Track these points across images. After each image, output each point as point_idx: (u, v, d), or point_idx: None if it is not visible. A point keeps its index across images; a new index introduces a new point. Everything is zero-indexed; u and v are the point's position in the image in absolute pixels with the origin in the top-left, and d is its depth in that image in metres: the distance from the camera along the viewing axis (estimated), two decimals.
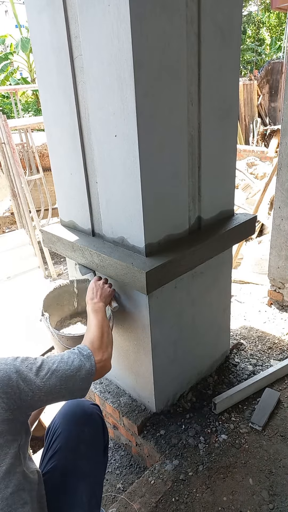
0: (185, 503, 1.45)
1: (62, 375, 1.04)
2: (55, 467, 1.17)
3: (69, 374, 1.05)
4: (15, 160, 4.09)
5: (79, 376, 1.07)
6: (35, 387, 0.98)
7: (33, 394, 0.98)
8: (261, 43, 19.71)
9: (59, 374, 1.04)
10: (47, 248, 1.91)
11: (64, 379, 1.04)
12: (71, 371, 1.06)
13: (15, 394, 0.95)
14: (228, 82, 1.55)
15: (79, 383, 1.07)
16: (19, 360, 1.01)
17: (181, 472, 1.56)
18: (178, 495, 1.48)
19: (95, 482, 1.21)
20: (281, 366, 2.01)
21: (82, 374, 1.08)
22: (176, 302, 1.66)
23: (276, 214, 2.53)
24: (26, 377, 0.98)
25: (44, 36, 1.47)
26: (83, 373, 1.09)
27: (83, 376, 1.09)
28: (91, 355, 1.14)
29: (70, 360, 1.09)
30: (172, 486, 1.51)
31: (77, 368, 1.08)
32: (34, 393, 0.98)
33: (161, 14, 1.20)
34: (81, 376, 1.08)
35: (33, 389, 0.98)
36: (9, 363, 0.99)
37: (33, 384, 0.98)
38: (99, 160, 1.47)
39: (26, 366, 1.00)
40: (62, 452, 1.19)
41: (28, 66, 14.35)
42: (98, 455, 1.26)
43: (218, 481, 1.52)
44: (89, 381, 1.10)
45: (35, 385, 0.98)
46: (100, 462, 1.27)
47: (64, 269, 4.58)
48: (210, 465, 1.58)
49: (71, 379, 1.06)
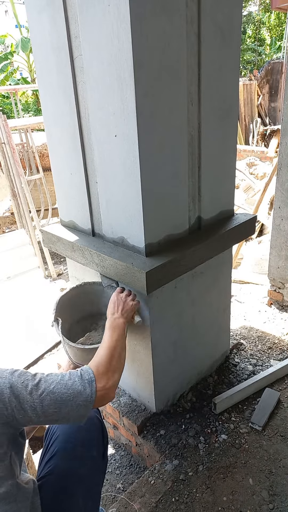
0: (185, 503, 1.45)
1: (58, 398, 0.96)
2: (52, 470, 1.16)
3: (65, 399, 0.97)
4: (15, 160, 4.09)
5: (75, 402, 0.98)
6: (27, 407, 0.92)
7: (24, 413, 0.92)
8: (261, 43, 19.71)
9: (54, 397, 0.96)
10: (47, 248, 1.91)
11: (59, 403, 0.96)
12: (68, 396, 0.98)
13: (6, 409, 0.90)
14: (228, 82, 1.55)
15: (75, 409, 0.99)
16: (16, 374, 0.95)
17: (181, 472, 1.56)
18: (178, 495, 1.48)
19: (92, 486, 1.20)
20: (281, 366, 2.01)
21: (79, 400, 0.99)
22: (176, 302, 1.66)
23: (276, 214, 2.53)
24: (20, 395, 0.92)
25: (44, 36, 1.47)
26: (80, 400, 0.99)
27: (80, 402, 0.99)
28: (93, 380, 1.04)
29: (70, 382, 1.00)
30: (172, 486, 1.51)
31: (75, 393, 0.99)
32: (25, 412, 0.92)
33: (161, 14, 1.20)
34: (77, 403, 0.99)
35: (24, 408, 0.92)
36: (4, 376, 0.94)
37: (25, 403, 0.92)
38: (99, 160, 1.47)
39: (22, 382, 0.94)
40: (59, 456, 1.18)
41: (28, 66, 14.35)
42: (96, 459, 1.24)
43: (218, 481, 1.52)
44: (86, 408, 1.01)
45: (27, 404, 0.92)
46: (98, 465, 1.25)
47: (64, 269, 4.58)
48: (210, 465, 1.58)
49: (67, 404, 0.97)
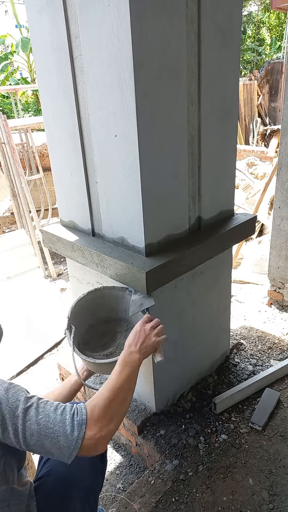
0: (185, 503, 1.45)
1: (41, 431, 0.89)
2: (49, 472, 1.15)
3: (48, 434, 0.89)
4: (15, 160, 4.09)
5: (59, 441, 0.89)
6: (11, 429, 0.87)
7: (6, 434, 0.88)
8: (261, 43, 19.71)
9: (38, 429, 0.89)
10: (47, 248, 1.91)
11: (42, 436, 0.89)
12: (52, 432, 0.89)
13: None
14: (228, 82, 1.55)
15: (58, 449, 0.90)
16: (10, 392, 0.90)
17: (181, 472, 1.56)
18: (178, 495, 1.48)
19: (90, 488, 1.19)
20: (281, 366, 2.01)
21: (63, 441, 0.90)
22: (176, 302, 1.66)
23: (276, 214, 2.53)
24: (5, 415, 0.87)
25: (44, 36, 1.47)
26: (64, 442, 0.90)
27: (64, 444, 0.90)
28: (83, 423, 0.92)
29: (59, 418, 0.91)
30: (172, 486, 1.51)
31: (60, 433, 0.90)
32: (8, 434, 0.88)
33: (161, 14, 1.20)
34: (61, 443, 0.90)
35: (7, 429, 0.87)
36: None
37: (9, 425, 0.87)
38: (99, 160, 1.47)
39: (12, 402, 0.89)
40: None
41: (28, 66, 14.35)
42: (94, 462, 1.23)
43: (218, 481, 1.52)
44: (70, 452, 0.90)
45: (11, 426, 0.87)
46: (97, 468, 1.24)
47: (64, 269, 4.58)
48: (210, 465, 1.58)
49: (49, 441, 0.89)
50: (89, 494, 1.18)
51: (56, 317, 3.24)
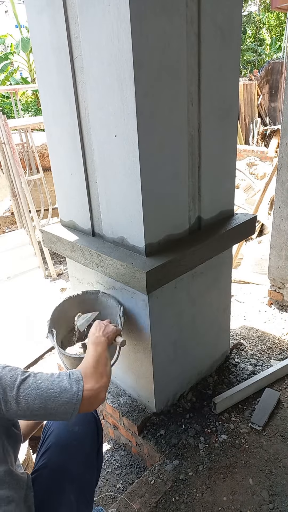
0: (185, 503, 1.45)
1: (43, 394, 0.97)
2: (45, 464, 1.17)
3: (51, 394, 0.98)
4: (15, 160, 4.09)
5: (61, 398, 0.98)
6: (12, 400, 0.94)
7: (9, 406, 0.94)
8: (261, 43, 19.71)
9: (40, 392, 0.97)
10: (47, 248, 1.91)
11: (44, 397, 0.97)
12: (53, 392, 0.98)
13: None
14: (228, 82, 1.55)
15: (61, 406, 0.98)
16: (7, 369, 0.97)
17: (181, 472, 1.56)
18: (178, 495, 1.48)
19: (85, 482, 1.20)
20: (281, 366, 2.01)
21: (65, 397, 0.99)
22: (176, 302, 1.66)
23: (276, 214, 2.53)
24: (6, 387, 0.94)
25: (44, 36, 1.47)
26: (66, 397, 0.99)
27: (66, 399, 0.99)
28: (80, 379, 1.04)
29: (57, 380, 1.01)
30: (172, 486, 1.51)
31: (61, 390, 0.99)
32: (10, 405, 0.94)
33: (161, 14, 1.20)
34: (63, 399, 0.99)
35: (10, 401, 0.93)
36: None
37: (11, 397, 0.94)
38: (99, 160, 1.47)
39: (11, 376, 0.96)
40: (52, 450, 1.19)
41: (28, 66, 14.34)
42: (90, 455, 1.25)
43: (218, 481, 1.52)
44: (73, 406, 1.00)
45: (12, 397, 0.94)
46: (92, 462, 1.26)
47: (64, 269, 4.58)
48: (210, 465, 1.57)
49: (53, 400, 0.98)
50: (84, 488, 1.19)
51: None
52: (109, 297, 1.67)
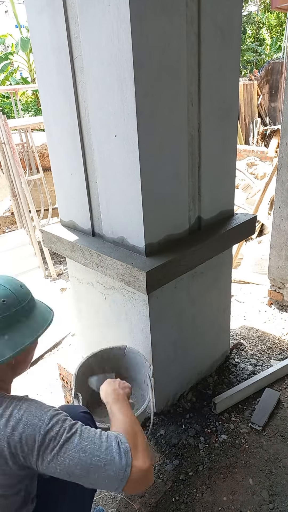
0: (185, 503, 1.45)
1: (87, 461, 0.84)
2: None
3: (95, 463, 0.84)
4: (15, 160, 4.09)
5: (106, 470, 0.84)
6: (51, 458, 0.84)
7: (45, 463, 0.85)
8: (261, 43, 19.70)
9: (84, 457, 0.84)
10: (47, 248, 1.91)
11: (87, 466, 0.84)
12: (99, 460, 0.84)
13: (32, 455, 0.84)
14: (228, 82, 1.55)
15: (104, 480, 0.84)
16: (53, 421, 0.87)
17: (181, 472, 1.56)
18: (178, 495, 1.48)
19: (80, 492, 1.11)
20: (281, 366, 2.01)
21: (109, 471, 0.84)
22: (176, 302, 1.66)
23: (276, 214, 2.53)
24: (49, 443, 0.84)
25: (44, 36, 1.47)
26: (112, 470, 0.84)
27: (112, 473, 0.84)
28: (128, 451, 0.87)
29: (105, 445, 0.86)
30: (172, 486, 1.51)
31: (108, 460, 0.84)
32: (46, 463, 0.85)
33: (161, 14, 1.20)
34: (107, 473, 0.84)
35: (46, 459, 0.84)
36: (42, 420, 0.86)
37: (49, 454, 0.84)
38: (99, 160, 1.47)
39: (57, 431, 0.85)
40: None
41: (28, 66, 14.34)
42: None
43: (218, 481, 1.52)
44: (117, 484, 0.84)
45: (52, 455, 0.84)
46: None
47: (64, 269, 4.58)
48: (210, 465, 1.57)
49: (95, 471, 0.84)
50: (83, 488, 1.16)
51: (56, 317, 3.24)
52: (136, 354, 1.57)
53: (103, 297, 1.75)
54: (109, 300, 1.71)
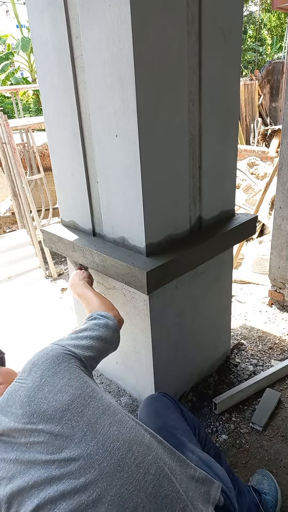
0: None
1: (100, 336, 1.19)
2: None
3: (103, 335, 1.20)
4: (16, 160, 4.10)
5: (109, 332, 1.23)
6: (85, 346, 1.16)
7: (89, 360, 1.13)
8: (262, 43, 19.70)
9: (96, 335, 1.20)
10: (48, 248, 1.91)
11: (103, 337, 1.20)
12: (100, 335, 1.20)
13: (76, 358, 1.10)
14: (229, 82, 1.55)
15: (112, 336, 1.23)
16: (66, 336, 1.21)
17: None
18: None
19: None
20: (282, 366, 2.01)
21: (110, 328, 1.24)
22: (177, 302, 1.66)
23: (277, 214, 2.53)
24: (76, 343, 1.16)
25: (45, 36, 1.47)
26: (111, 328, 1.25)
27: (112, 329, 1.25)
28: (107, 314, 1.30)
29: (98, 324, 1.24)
30: None
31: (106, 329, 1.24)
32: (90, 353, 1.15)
33: (162, 14, 1.20)
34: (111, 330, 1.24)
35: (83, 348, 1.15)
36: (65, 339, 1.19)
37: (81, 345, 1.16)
38: (100, 160, 1.47)
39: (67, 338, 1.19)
40: None
41: (29, 66, 14.37)
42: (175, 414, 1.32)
43: None
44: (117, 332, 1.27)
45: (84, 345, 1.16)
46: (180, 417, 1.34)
47: (65, 269, 4.59)
48: None
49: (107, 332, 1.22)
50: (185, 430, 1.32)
51: (56, 317, 3.24)
52: None
53: None
54: (110, 300, 1.71)
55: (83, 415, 0.92)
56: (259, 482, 1.41)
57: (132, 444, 0.91)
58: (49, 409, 0.90)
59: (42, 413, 0.90)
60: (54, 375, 0.98)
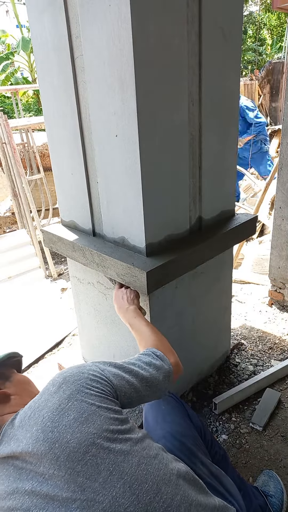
0: None
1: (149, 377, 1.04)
2: None
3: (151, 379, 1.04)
4: (16, 160, 4.10)
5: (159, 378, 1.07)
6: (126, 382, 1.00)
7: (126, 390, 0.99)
8: (262, 43, 19.70)
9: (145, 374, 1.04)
10: (48, 248, 1.91)
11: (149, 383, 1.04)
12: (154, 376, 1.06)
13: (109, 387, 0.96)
14: (229, 82, 1.55)
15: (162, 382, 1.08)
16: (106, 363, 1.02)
17: None
18: None
19: None
20: (282, 366, 2.01)
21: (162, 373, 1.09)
22: (177, 302, 1.66)
23: (277, 214, 2.53)
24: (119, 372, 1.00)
25: (45, 36, 1.47)
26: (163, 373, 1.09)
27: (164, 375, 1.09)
28: (163, 355, 1.14)
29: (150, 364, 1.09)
30: None
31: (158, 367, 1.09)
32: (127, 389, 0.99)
33: (162, 14, 1.20)
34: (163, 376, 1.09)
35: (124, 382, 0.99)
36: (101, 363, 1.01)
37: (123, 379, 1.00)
38: (99, 160, 1.47)
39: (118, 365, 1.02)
40: None
41: (29, 66, 14.36)
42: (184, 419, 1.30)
43: None
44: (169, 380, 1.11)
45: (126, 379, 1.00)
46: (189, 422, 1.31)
47: (65, 269, 4.59)
48: None
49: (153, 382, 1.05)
50: None
51: (56, 317, 3.24)
52: None
53: (104, 297, 1.75)
54: (110, 300, 1.71)
55: (110, 451, 0.83)
56: (265, 483, 1.40)
57: (161, 485, 0.84)
58: (72, 441, 0.81)
59: (65, 444, 0.80)
60: (82, 400, 0.88)
